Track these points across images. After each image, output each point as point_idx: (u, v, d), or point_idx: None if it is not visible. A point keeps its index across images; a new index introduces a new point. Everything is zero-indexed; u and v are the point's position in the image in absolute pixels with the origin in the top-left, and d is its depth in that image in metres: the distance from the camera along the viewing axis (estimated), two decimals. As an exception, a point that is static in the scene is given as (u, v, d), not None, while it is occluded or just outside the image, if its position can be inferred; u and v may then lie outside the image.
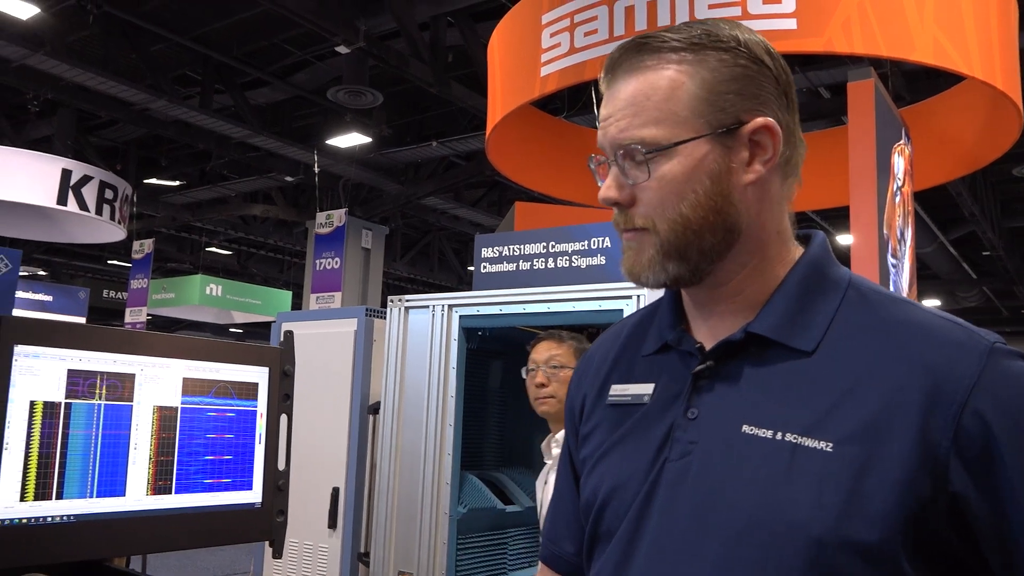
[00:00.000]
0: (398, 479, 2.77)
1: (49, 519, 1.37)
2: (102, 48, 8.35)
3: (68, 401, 1.40)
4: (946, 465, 0.76)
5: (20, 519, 1.34)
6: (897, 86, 6.76)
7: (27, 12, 6.73)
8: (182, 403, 1.54)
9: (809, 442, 0.79)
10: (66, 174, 8.09)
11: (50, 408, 1.38)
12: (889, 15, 3.50)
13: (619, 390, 0.97)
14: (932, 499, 0.76)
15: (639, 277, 0.90)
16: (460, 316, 2.72)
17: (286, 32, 8.05)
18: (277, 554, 1.66)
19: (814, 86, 7.50)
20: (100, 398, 1.44)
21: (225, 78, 8.86)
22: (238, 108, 9.00)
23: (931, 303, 14.59)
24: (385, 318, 2.90)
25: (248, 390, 1.64)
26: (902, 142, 3.90)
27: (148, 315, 12.40)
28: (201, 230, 14.71)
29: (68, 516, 1.39)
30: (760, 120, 0.86)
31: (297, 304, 15.28)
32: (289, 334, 1.72)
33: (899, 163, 3.86)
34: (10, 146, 8.92)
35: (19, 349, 1.35)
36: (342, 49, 7.31)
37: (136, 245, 12.33)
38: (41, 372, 1.37)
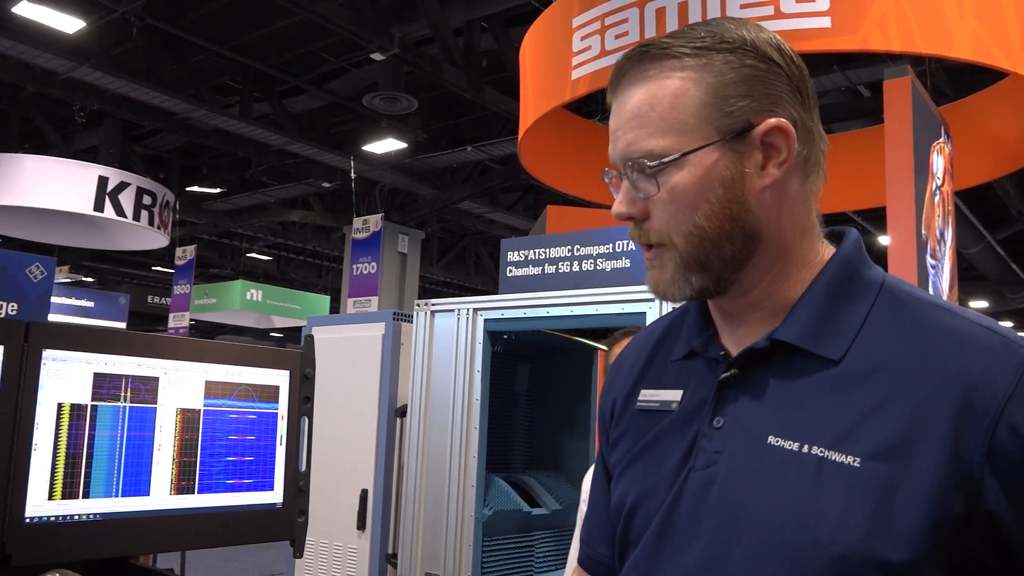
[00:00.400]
0: (425, 481, 2.79)
1: (76, 517, 1.41)
2: (145, 59, 8.56)
3: (94, 403, 1.44)
4: (980, 482, 0.72)
5: (48, 517, 1.38)
6: (940, 82, 6.63)
7: (73, 26, 6.93)
8: (205, 405, 1.58)
9: (836, 456, 0.76)
10: (103, 181, 8.30)
11: (77, 410, 1.42)
12: (927, 11, 3.43)
13: (648, 395, 0.95)
14: (966, 517, 0.72)
15: (665, 293, 0.87)
16: (485, 320, 2.73)
17: (323, 40, 8.16)
18: (298, 553, 1.68)
19: (853, 84, 7.38)
20: (125, 400, 1.48)
21: (264, 86, 9.01)
22: (276, 116, 9.15)
23: (978, 305, 14.23)
24: (412, 322, 2.92)
25: (269, 393, 1.68)
26: (941, 140, 3.82)
27: (191, 320, 12.66)
28: (242, 236, 14.97)
29: (94, 515, 1.43)
30: (772, 121, 0.82)
31: (335, 308, 15.45)
32: (309, 338, 1.75)
33: (938, 162, 3.78)
34: (59, 156, 9.18)
35: (47, 353, 1.40)
36: (377, 56, 7.39)
37: (179, 251, 12.60)
38: (68, 375, 1.42)
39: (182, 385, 1.55)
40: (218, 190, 12.48)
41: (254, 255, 16.91)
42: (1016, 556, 0.73)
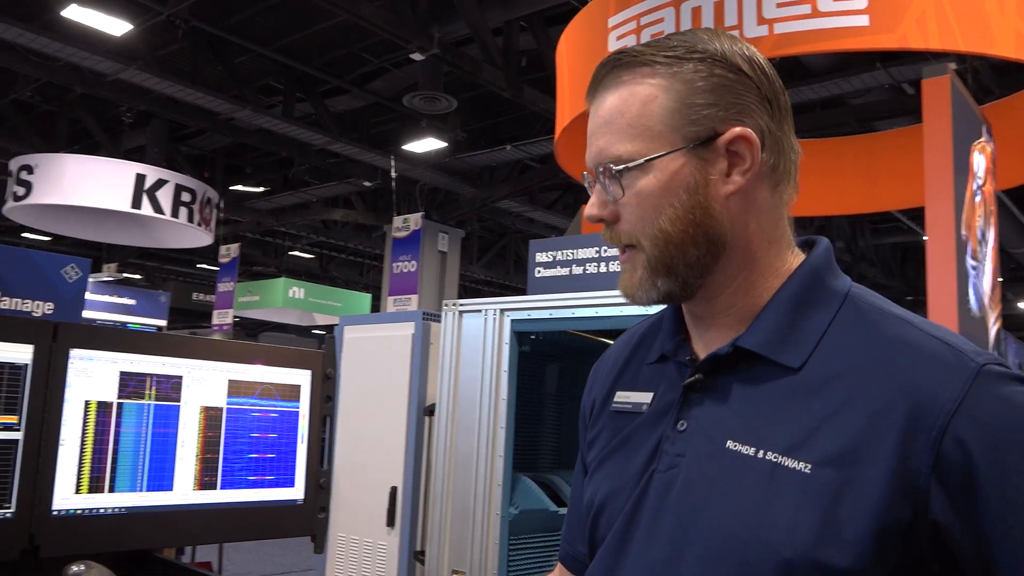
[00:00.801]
0: (452, 480, 2.82)
1: (102, 510, 1.46)
2: (190, 61, 8.74)
3: (120, 401, 1.49)
4: (926, 493, 0.73)
5: (75, 510, 1.43)
6: (986, 79, 6.47)
7: (121, 29, 7.11)
8: (227, 404, 1.63)
9: (789, 462, 0.78)
10: (140, 178, 8.52)
11: (103, 407, 1.48)
12: (967, 9, 3.37)
13: (622, 397, 0.98)
14: (912, 526, 0.74)
15: (634, 296, 0.89)
16: (512, 320, 2.75)
17: (363, 41, 8.26)
18: (318, 549, 1.72)
19: (897, 82, 7.24)
20: (150, 398, 1.53)
21: (306, 87, 9.14)
22: (318, 116, 9.28)
23: (1030, 306, 13.83)
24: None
25: (291, 392, 1.71)
26: (983, 139, 3.74)
27: (235, 317, 12.90)
28: (284, 234, 15.21)
29: (119, 508, 1.48)
30: (737, 130, 0.84)
31: (376, 306, 15.60)
32: (331, 339, 1.78)
33: (980, 161, 3.70)
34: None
35: (75, 352, 1.45)
36: (417, 56, 7.45)
37: (223, 250, 12.84)
38: (95, 374, 1.47)
39: (205, 384, 1.60)
40: (261, 189, 12.70)
41: (297, 253, 17.17)
42: (961, 566, 0.74)
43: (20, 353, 1.38)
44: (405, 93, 8.17)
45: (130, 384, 1.50)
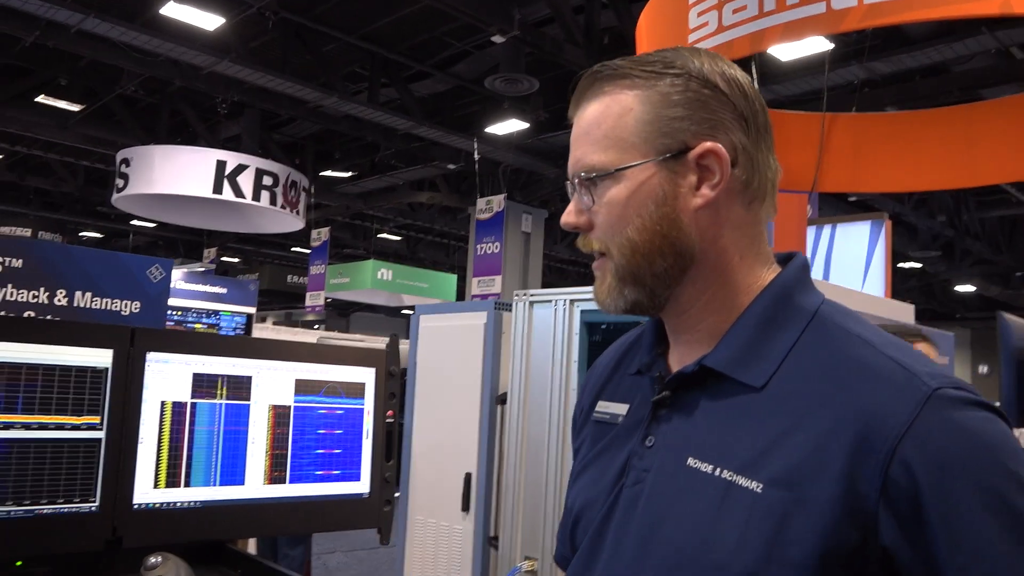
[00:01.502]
0: (524, 468, 2.86)
1: (179, 504, 1.55)
2: (280, 51, 9.00)
3: (194, 400, 1.58)
4: (875, 517, 0.72)
5: (154, 504, 1.53)
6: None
7: (213, 23, 7.39)
8: (295, 402, 1.70)
9: (742, 481, 0.78)
10: (220, 165, 8.87)
11: (178, 407, 1.57)
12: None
13: (603, 407, 0.99)
14: (860, 550, 0.73)
15: (604, 303, 0.91)
16: (581, 311, 2.75)
17: (445, 25, 8.32)
18: (385, 540, 1.78)
19: (1004, 47, 6.81)
20: (221, 398, 1.61)
21: (390, 72, 9.28)
22: (403, 101, 9.42)
23: None
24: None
25: (356, 389, 1.77)
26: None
27: (326, 298, 13.30)
28: (373, 217, 15.55)
29: (195, 502, 1.57)
30: (707, 144, 0.85)
31: (461, 287, 15.80)
32: (394, 337, 1.83)
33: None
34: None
35: (151, 355, 1.54)
36: (498, 38, 7.46)
37: (314, 233, 13.24)
38: (170, 375, 1.56)
39: (274, 383, 1.67)
40: (349, 174, 13.00)
41: (385, 235, 17.53)
42: None
43: (101, 357, 1.48)
44: (487, 76, 8.20)
45: (203, 384, 1.58)
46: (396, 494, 1.82)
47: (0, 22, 7.46)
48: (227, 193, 8.95)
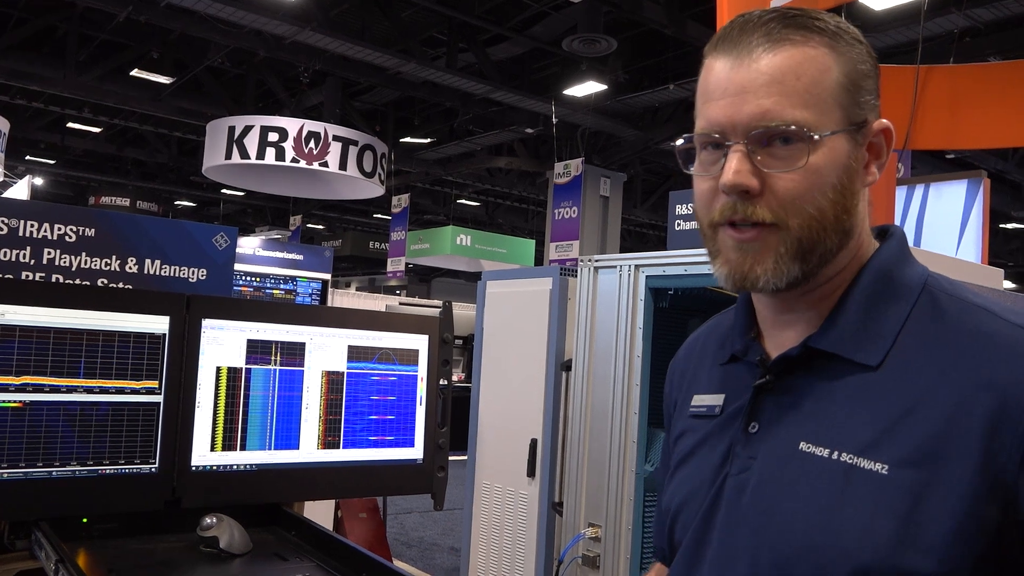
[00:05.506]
0: (588, 434, 2.84)
1: (235, 467, 1.60)
2: (359, 19, 9.07)
3: (248, 366, 1.62)
4: (1015, 492, 0.69)
5: (211, 466, 1.58)
6: None
7: (301, -8, 7.50)
8: (348, 368, 1.72)
9: (864, 463, 0.74)
10: (231, 130, 9.18)
11: (233, 373, 1.60)
12: None
13: (698, 400, 0.95)
14: (1001, 528, 0.69)
15: (756, 282, 0.80)
16: (647, 276, 2.69)
17: (522, -14, 8.22)
18: (438, 506, 1.80)
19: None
20: (276, 364, 1.64)
21: (467, 36, 9.25)
22: (480, 64, 9.38)
23: None
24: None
25: (409, 356, 1.78)
26: None
27: (407, 263, 13.49)
28: (452, 183, 15.63)
29: (250, 465, 1.61)
30: (884, 122, 0.82)
31: (540, 252, 15.79)
32: (448, 304, 1.83)
33: None
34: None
35: (207, 323, 1.58)
36: (575, -2, 7.33)
37: (394, 200, 13.41)
38: (225, 342, 1.60)
39: (327, 350, 1.69)
40: (428, 140, 13.08)
41: (464, 201, 17.62)
42: None
43: (158, 324, 1.53)
44: (564, 37, 8.06)
45: (257, 350, 1.62)
46: (456, 458, 1.83)
47: (93, -1, 7.76)
48: (235, 157, 9.18)
